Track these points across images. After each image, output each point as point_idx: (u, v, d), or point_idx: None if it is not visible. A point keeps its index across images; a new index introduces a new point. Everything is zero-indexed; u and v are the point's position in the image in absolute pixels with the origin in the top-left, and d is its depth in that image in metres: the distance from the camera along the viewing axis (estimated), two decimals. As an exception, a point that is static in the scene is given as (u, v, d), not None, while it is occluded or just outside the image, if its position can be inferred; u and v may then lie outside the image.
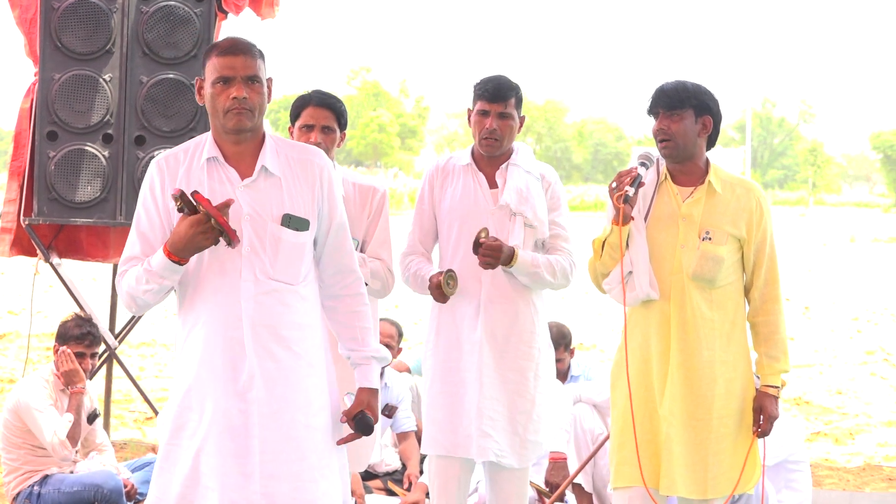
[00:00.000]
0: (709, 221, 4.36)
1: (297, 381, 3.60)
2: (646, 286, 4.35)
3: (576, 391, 6.10)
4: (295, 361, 3.60)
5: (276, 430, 3.55)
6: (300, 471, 3.57)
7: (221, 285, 3.56)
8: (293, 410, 3.58)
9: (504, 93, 4.74)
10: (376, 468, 6.69)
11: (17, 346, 12.23)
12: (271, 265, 3.58)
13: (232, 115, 3.56)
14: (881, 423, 9.38)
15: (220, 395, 3.53)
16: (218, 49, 3.61)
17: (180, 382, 3.62)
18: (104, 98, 5.75)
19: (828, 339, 14.48)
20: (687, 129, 4.34)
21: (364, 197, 4.76)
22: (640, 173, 4.30)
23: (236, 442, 3.52)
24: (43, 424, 5.68)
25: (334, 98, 4.78)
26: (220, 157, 3.63)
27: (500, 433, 4.74)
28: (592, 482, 5.93)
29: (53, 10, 5.74)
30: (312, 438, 3.62)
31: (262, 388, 3.54)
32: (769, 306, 4.43)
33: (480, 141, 4.78)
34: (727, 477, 4.37)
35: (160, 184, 3.63)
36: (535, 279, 4.76)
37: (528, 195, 4.77)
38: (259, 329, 3.55)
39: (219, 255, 3.55)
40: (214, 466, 3.52)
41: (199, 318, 3.58)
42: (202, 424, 3.54)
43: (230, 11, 6.05)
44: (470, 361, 4.74)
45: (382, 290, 4.74)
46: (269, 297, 3.56)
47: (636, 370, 4.41)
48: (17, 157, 6.34)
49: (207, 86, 3.60)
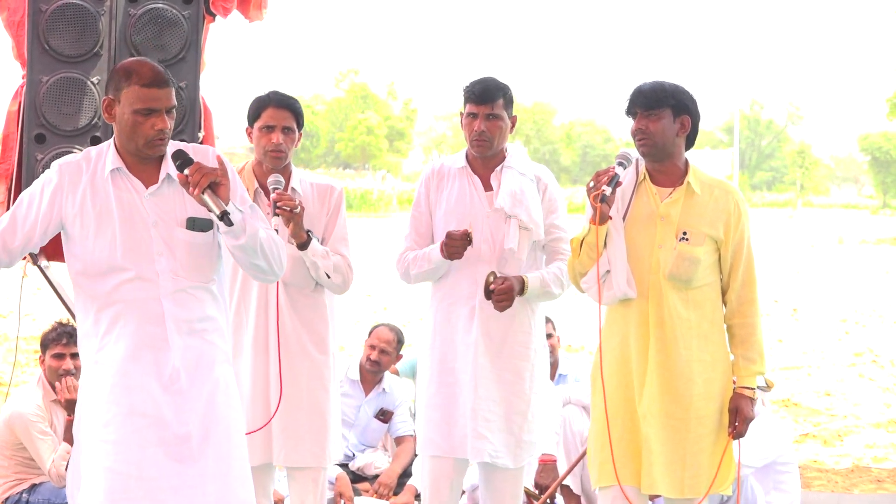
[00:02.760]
0: (686, 222, 4.37)
1: (212, 367, 3.82)
2: (623, 285, 4.37)
3: (565, 393, 6.11)
4: (209, 351, 3.82)
5: (203, 415, 3.76)
6: (230, 449, 3.79)
7: (139, 286, 3.73)
8: (215, 393, 3.80)
9: (491, 94, 4.77)
10: (365, 470, 6.69)
11: (6, 349, 12.22)
12: (183, 266, 3.77)
13: (153, 144, 3.74)
14: (869, 425, 9.40)
15: (148, 387, 3.71)
16: (140, 79, 3.73)
17: (101, 380, 3.74)
18: (92, 101, 5.72)
19: (816, 340, 14.51)
20: (665, 129, 4.34)
21: (322, 196, 4.84)
22: (617, 173, 4.31)
23: (169, 431, 3.70)
24: (42, 452, 5.67)
25: (293, 99, 4.84)
26: (123, 168, 3.79)
27: (496, 434, 4.76)
28: (581, 484, 5.93)
29: (41, 12, 5.72)
30: (234, 417, 3.85)
31: (185, 379, 3.75)
32: (746, 308, 4.44)
33: (471, 143, 4.81)
34: (705, 476, 4.39)
35: (58, 185, 3.77)
36: (546, 297, 4.85)
37: (522, 197, 4.79)
38: (179, 324, 3.76)
39: (135, 256, 3.73)
40: (150, 457, 3.68)
41: (119, 319, 3.74)
42: (132, 417, 3.69)
43: (218, 14, 6.03)
44: (465, 363, 4.77)
45: (343, 284, 4.81)
46: (184, 293, 3.77)
47: (616, 369, 4.43)
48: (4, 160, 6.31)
49: (126, 111, 3.73)
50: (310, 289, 4.76)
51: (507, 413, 4.77)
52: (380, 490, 6.44)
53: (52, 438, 5.72)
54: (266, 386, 4.70)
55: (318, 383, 4.77)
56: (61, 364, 5.80)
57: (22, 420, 5.71)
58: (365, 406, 6.75)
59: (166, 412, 3.71)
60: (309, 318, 4.78)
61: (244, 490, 3.81)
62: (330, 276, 4.72)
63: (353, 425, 6.71)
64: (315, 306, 4.79)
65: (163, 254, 3.75)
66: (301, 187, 4.79)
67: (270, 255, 3.85)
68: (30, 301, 13.74)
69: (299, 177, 4.83)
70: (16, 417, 5.74)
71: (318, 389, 4.77)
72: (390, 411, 6.74)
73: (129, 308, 3.73)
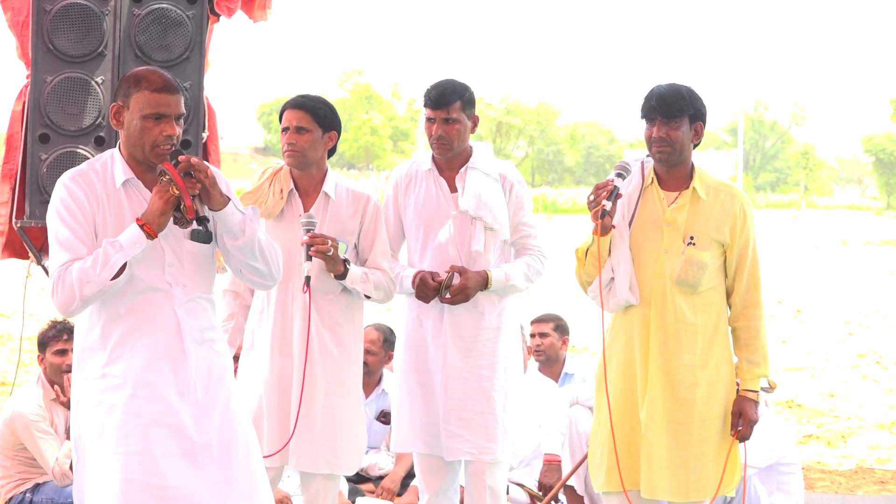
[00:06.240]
0: (693, 227, 4.38)
1: (222, 376, 3.87)
2: (625, 292, 4.38)
3: (572, 393, 6.10)
4: (218, 360, 3.86)
5: (221, 423, 3.79)
6: (249, 454, 3.83)
7: (153, 298, 3.74)
8: (229, 401, 3.84)
9: (446, 99, 4.85)
10: (369, 471, 6.69)
11: (9, 348, 12.23)
12: (190, 278, 3.81)
13: (160, 151, 3.73)
14: (873, 426, 9.40)
15: (168, 397, 3.72)
16: (151, 84, 3.73)
17: (113, 392, 3.70)
18: (96, 100, 5.73)
19: (820, 342, 14.50)
20: (683, 136, 4.37)
21: (356, 202, 4.77)
22: (616, 186, 4.31)
23: (189, 440, 3.72)
24: (45, 451, 5.66)
25: (311, 99, 4.77)
26: (134, 178, 3.79)
27: (476, 431, 4.86)
28: (585, 485, 5.92)
29: (45, 12, 5.72)
30: (249, 423, 3.91)
31: (200, 388, 3.77)
32: (750, 311, 4.45)
33: (431, 146, 4.94)
34: (710, 480, 4.40)
35: (84, 196, 3.73)
36: (512, 291, 4.93)
37: (486, 199, 4.86)
38: (192, 334, 3.78)
39: (147, 267, 3.72)
40: (174, 467, 3.68)
41: (133, 330, 3.73)
42: (154, 427, 3.68)
43: (222, 14, 6.03)
44: (436, 364, 4.89)
45: (385, 297, 4.80)
46: (194, 303, 3.81)
47: (619, 374, 4.44)
48: (8, 160, 6.32)
49: (134, 117, 3.73)
50: (335, 294, 4.70)
51: (489, 408, 4.88)
52: (384, 494, 6.43)
53: (53, 437, 5.71)
54: (286, 389, 4.65)
55: (336, 388, 4.70)
56: (64, 360, 5.78)
57: (23, 420, 5.70)
58: (365, 409, 6.73)
59: (186, 421, 3.72)
60: (333, 322, 4.70)
61: (266, 494, 3.84)
62: (371, 297, 4.72)
63: (353, 427, 6.70)
64: (341, 311, 4.72)
65: (173, 265, 3.77)
66: (335, 192, 4.74)
67: (269, 258, 3.86)
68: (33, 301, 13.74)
69: (335, 180, 4.77)
70: (16, 417, 5.73)
71: (336, 395, 4.70)
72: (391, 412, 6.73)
73: (144, 319, 3.73)
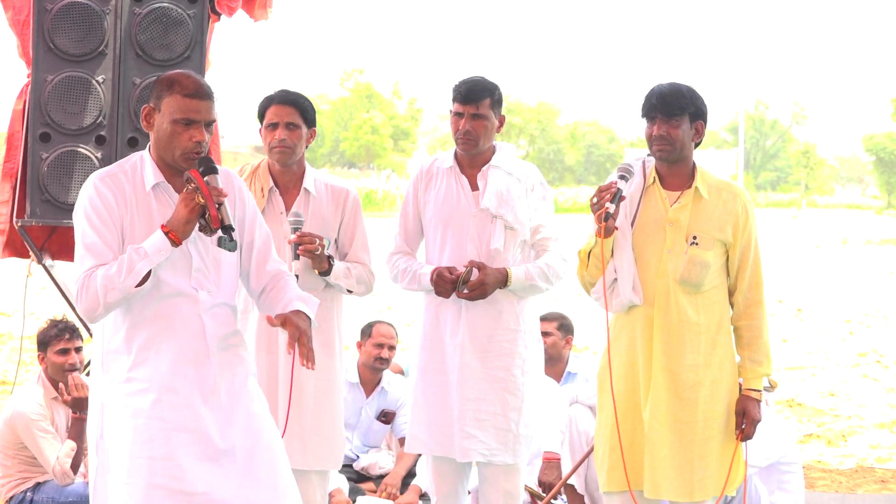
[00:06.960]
0: (696, 226, 4.39)
1: (245, 381, 3.87)
2: (628, 292, 4.39)
3: (572, 392, 6.10)
4: (241, 366, 3.87)
5: (245, 428, 3.79)
6: (274, 458, 3.82)
7: (179, 302, 3.74)
8: (251, 406, 3.84)
9: (477, 94, 4.81)
10: (369, 470, 6.69)
11: (10, 347, 12.23)
12: (216, 283, 3.81)
13: (189, 156, 3.72)
14: (873, 425, 9.40)
15: (193, 403, 3.72)
16: (183, 89, 3.72)
17: (138, 396, 3.70)
18: (97, 100, 5.74)
19: (820, 340, 14.50)
20: (684, 135, 4.37)
21: (336, 197, 4.81)
22: (619, 188, 4.32)
23: (212, 446, 3.72)
24: (45, 450, 5.66)
25: (297, 95, 4.81)
26: (164, 182, 3.78)
27: (489, 432, 4.81)
28: (585, 484, 5.92)
29: (46, 11, 5.73)
30: (273, 427, 3.90)
31: (224, 394, 3.78)
32: (753, 310, 4.46)
33: (457, 141, 4.88)
34: (713, 479, 4.40)
35: (113, 198, 3.72)
36: (533, 291, 4.87)
37: (508, 198, 4.83)
38: (217, 339, 3.79)
39: (174, 271, 3.72)
40: (198, 472, 3.67)
41: (159, 334, 3.73)
42: (178, 433, 3.68)
43: (223, 13, 6.04)
44: (452, 364, 4.85)
45: (366, 291, 4.84)
46: (219, 308, 3.81)
47: (622, 374, 4.44)
48: (9, 159, 6.32)
49: (165, 120, 3.72)
50: (319, 290, 4.70)
51: (503, 410, 4.83)
52: (384, 494, 6.43)
53: (54, 436, 5.71)
54: (274, 387, 4.66)
55: (324, 384, 4.75)
56: (66, 359, 5.78)
57: (23, 419, 5.70)
58: (366, 407, 6.74)
59: (209, 427, 3.72)
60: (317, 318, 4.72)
61: (293, 499, 3.83)
62: (353, 291, 4.77)
63: (355, 427, 6.70)
64: (324, 306, 4.68)
65: (200, 269, 3.77)
66: (315, 187, 4.78)
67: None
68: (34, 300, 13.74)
69: (314, 176, 4.81)
70: (17, 417, 5.72)
71: (324, 391, 4.76)
72: (392, 412, 6.73)
73: (169, 324, 3.73)
